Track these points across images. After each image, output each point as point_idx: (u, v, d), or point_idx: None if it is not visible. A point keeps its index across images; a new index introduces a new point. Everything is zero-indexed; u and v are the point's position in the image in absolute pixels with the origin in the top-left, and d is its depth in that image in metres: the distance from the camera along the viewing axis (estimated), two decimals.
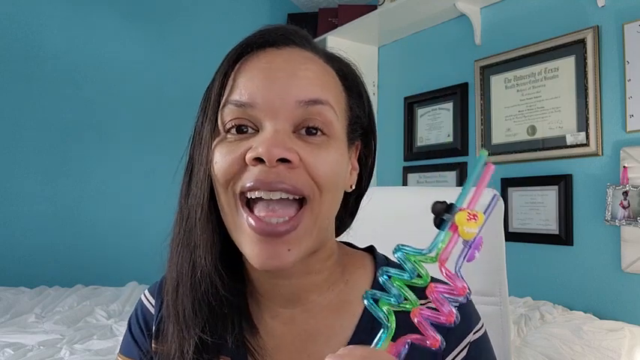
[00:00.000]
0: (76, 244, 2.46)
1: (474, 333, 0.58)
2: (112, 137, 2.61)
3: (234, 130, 0.52)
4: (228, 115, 0.52)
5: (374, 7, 2.64)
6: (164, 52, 2.78)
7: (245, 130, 0.52)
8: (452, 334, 0.54)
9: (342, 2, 2.97)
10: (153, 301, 0.64)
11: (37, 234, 2.39)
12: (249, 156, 0.49)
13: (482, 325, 0.60)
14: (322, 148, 0.52)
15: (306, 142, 0.51)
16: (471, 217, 0.43)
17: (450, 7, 2.38)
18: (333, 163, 0.53)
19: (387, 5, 2.52)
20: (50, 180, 2.45)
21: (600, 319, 1.71)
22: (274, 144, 0.48)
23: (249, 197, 0.51)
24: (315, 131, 0.52)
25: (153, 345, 0.61)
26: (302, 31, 0.58)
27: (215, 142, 0.53)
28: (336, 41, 2.78)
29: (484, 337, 0.59)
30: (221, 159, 0.51)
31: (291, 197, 0.51)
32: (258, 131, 0.52)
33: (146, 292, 0.66)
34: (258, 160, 0.49)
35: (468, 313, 0.58)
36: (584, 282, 1.90)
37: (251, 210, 0.51)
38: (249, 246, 0.50)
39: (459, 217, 0.43)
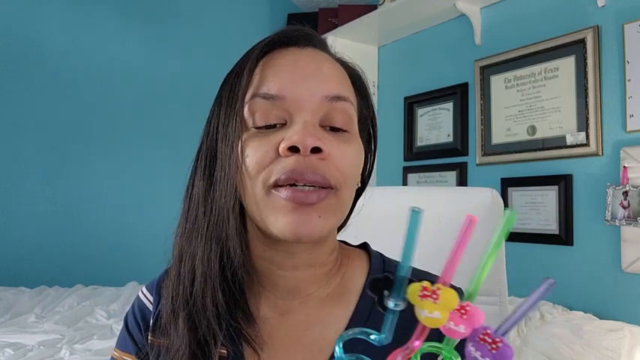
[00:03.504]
0: (76, 244, 2.46)
1: None
2: (112, 137, 2.61)
3: (263, 128, 0.54)
4: (257, 108, 0.54)
5: (374, 7, 2.63)
6: (164, 52, 2.78)
7: (274, 125, 0.54)
8: None
9: (342, 2, 2.97)
10: (151, 298, 0.65)
11: (37, 234, 2.39)
12: (283, 145, 0.51)
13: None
14: (346, 143, 0.55)
15: (332, 136, 0.55)
16: (427, 294, 0.31)
17: (450, 7, 2.38)
18: (355, 157, 0.57)
19: (387, 5, 2.52)
20: (50, 180, 2.45)
21: (600, 319, 1.71)
22: (308, 134, 0.51)
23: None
24: (337, 129, 0.55)
25: (149, 338, 0.62)
26: (317, 34, 0.62)
27: (245, 137, 0.54)
28: (336, 41, 2.78)
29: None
30: (253, 152, 0.53)
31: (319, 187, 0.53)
32: (286, 124, 0.54)
33: (143, 289, 0.67)
34: (292, 150, 0.51)
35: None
36: (584, 282, 1.90)
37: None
38: (282, 219, 0.52)
39: (411, 293, 0.31)
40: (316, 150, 0.51)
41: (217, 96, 0.60)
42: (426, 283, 0.31)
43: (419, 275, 0.62)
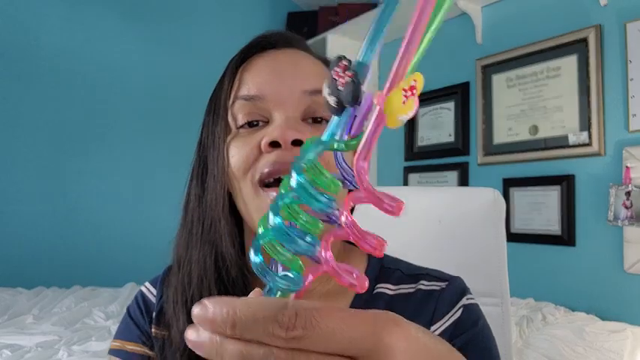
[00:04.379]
0: (74, 245, 2.45)
1: (467, 298, 0.60)
2: (110, 137, 2.60)
3: (246, 126, 0.56)
4: (238, 110, 0.56)
5: (374, 5, 2.62)
6: (163, 52, 2.76)
7: (256, 123, 0.56)
8: (445, 300, 0.58)
9: (343, 0, 2.96)
10: (154, 291, 0.66)
11: (35, 234, 2.37)
12: (264, 141, 0.53)
13: (474, 298, 0.62)
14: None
15: (315, 129, 0.55)
16: (408, 94, 0.26)
17: (451, 6, 2.36)
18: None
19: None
20: (48, 180, 2.44)
21: (603, 320, 1.69)
22: (288, 127, 0.52)
23: (267, 182, 0.54)
24: (320, 120, 0.56)
25: (153, 330, 0.63)
26: (297, 35, 0.64)
27: (229, 139, 0.56)
28: (337, 40, 2.77)
29: (477, 305, 0.61)
30: (237, 152, 0.55)
31: None
32: (268, 122, 0.56)
33: (147, 284, 0.69)
34: (273, 145, 0.52)
35: (461, 284, 0.61)
36: (586, 283, 1.89)
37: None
38: None
39: (392, 105, 0.26)
40: (298, 143, 0.52)
41: (207, 106, 0.62)
42: (404, 85, 0.26)
43: (414, 270, 0.63)
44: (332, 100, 0.26)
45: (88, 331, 1.62)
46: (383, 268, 0.64)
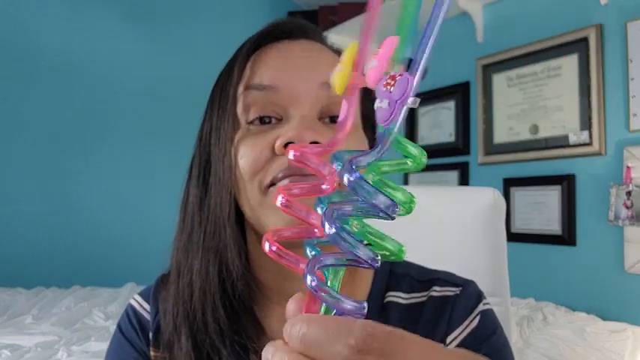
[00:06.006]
0: (74, 245, 2.44)
1: (484, 304, 0.58)
2: (110, 137, 2.60)
3: (257, 122, 0.51)
4: (249, 102, 0.51)
5: None
6: (164, 52, 2.76)
7: (268, 120, 0.51)
8: (461, 307, 0.55)
9: (343, 0, 2.95)
10: (147, 307, 0.61)
11: (34, 234, 2.37)
12: (279, 142, 0.48)
13: (489, 303, 0.60)
14: (349, 134, 0.51)
15: (332, 129, 0.51)
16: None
17: (451, 5, 2.36)
18: (359, 149, 0.52)
19: (387, 3, 2.50)
20: (48, 180, 2.43)
21: (603, 320, 1.69)
22: (305, 127, 0.47)
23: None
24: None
25: (152, 352, 0.58)
26: (313, 25, 0.59)
27: (237, 137, 0.51)
28: (337, 39, 2.72)
29: (493, 311, 0.59)
30: (247, 152, 0.50)
31: None
32: (282, 120, 0.51)
33: (137, 297, 0.63)
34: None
35: (475, 288, 0.59)
36: (587, 283, 1.89)
37: None
38: (279, 217, 0.48)
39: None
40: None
41: (209, 98, 0.57)
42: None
43: (425, 275, 0.60)
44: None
45: (88, 331, 1.61)
46: (392, 273, 0.60)
